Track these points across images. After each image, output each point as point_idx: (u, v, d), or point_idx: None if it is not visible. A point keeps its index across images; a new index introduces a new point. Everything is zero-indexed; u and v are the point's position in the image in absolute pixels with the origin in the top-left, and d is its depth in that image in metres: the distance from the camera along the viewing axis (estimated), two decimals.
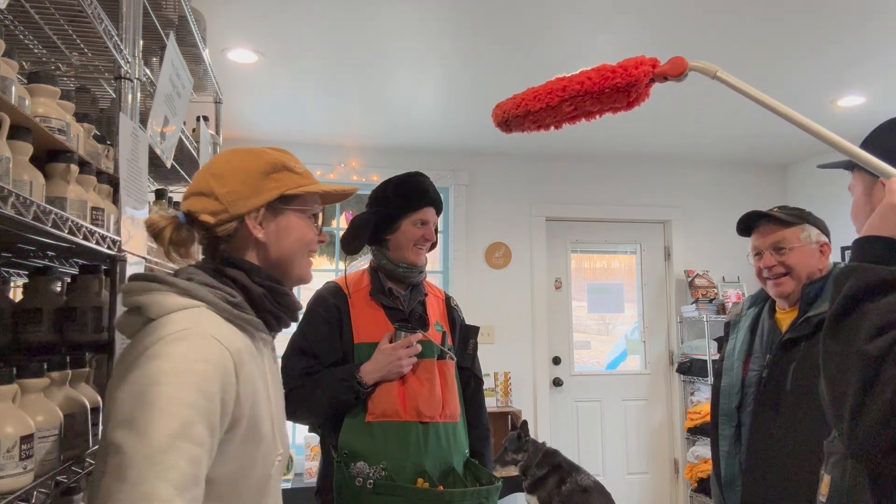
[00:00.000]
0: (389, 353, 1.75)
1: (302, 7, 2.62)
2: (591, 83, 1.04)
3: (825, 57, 3.09)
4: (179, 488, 0.83)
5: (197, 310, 0.98)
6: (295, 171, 1.14)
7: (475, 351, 2.01)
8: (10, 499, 0.87)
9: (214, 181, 1.08)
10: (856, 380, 0.82)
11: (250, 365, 1.00)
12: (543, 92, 1.08)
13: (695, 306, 4.61)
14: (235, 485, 0.97)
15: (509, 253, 4.68)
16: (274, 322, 1.11)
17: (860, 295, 0.86)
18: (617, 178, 4.88)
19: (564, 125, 1.11)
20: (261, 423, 1.01)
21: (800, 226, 1.83)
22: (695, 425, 4.48)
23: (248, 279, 1.07)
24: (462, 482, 1.78)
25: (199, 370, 0.90)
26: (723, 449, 1.87)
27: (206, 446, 0.89)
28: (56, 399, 1.04)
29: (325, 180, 4.47)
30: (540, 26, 2.77)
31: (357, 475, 1.69)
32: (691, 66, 1.02)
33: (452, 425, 1.83)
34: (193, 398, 0.88)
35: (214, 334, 0.95)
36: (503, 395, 4.39)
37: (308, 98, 3.65)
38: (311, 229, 1.17)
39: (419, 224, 1.88)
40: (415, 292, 1.93)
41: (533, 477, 3.37)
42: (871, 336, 0.82)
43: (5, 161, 0.89)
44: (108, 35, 1.38)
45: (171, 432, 0.85)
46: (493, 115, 1.15)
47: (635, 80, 1.03)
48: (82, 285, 1.35)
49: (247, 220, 1.09)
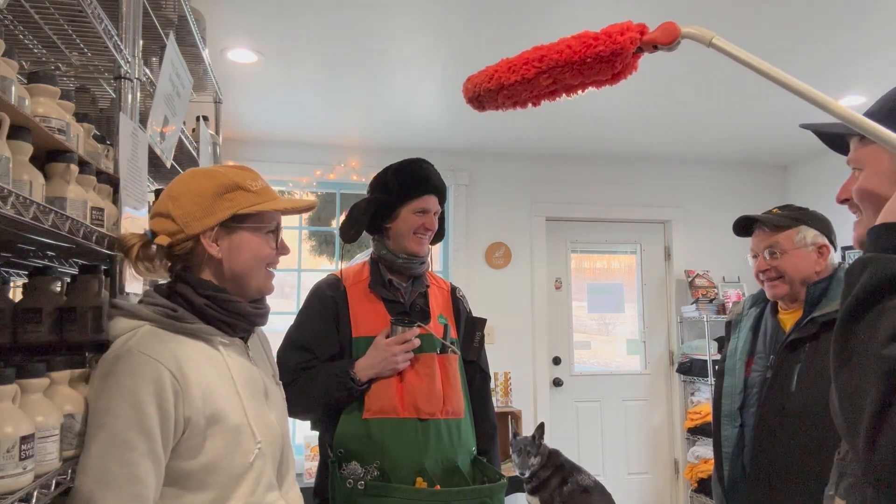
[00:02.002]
0: (384, 349, 1.69)
1: (302, 7, 2.62)
2: (572, 52, 0.91)
3: (825, 57, 3.09)
4: (113, 488, 1.00)
5: (138, 330, 1.11)
6: (249, 189, 1.21)
7: (482, 344, 1.94)
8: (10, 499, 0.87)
9: (171, 203, 1.18)
10: (875, 391, 0.69)
11: (203, 368, 1.12)
12: (519, 63, 0.95)
13: (695, 306, 4.61)
14: (213, 475, 1.10)
15: (509, 253, 4.68)
16: (226, 327, 1.20)
17: (878, 290, 0.73)
18: (617, 178, 4.88)
19: (544, 101, 0.98)
20: (225, 418, 1.12)
21: (794, 228, 1.80)
22: (695, 425, 4.48)
23: (192, 292, 1.17)
24: (467, 481, 1.72)
25: (125, 384, 1.04)
26: (725, 450, 1.85)
27: (140, 450, 1.02)
28: (56, 399, 1.04)
29: (325, 180, 4.47)
30: (540, 25, 2.77)
31: (349, 476, 1.64)
32: (684, 33, 0.90)
33: (456, 422, 1.76)
34: (122, 409, 1.02)
35: (143, 349, 1.07)
36: (503, 395, 4.39)
37: (308, 98, 3.64)
38: (266, 245, 1.24)
39: (419, 212, 1.81)
40: (416, 284, 1.87)
41: (538, 479, 3.36)
42: (891, 337, 0.70)
43: (5, 161, 0.89)
44: (107, 35, 1.38)
45: (103, 441, 1.01)
46: (463, 89, 1.03)
47: (621, 48, 0.90)
48: (82, 285, 1.35)
49: (202, 239, 1.18)
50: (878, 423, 0.69)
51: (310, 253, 4.93)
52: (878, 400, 0.69)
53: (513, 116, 3.94)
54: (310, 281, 4.53)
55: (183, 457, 1.08)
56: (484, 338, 1.95)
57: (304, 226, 4.70)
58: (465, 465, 1.76)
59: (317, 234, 4.99)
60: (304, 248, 4.68)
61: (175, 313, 1.14)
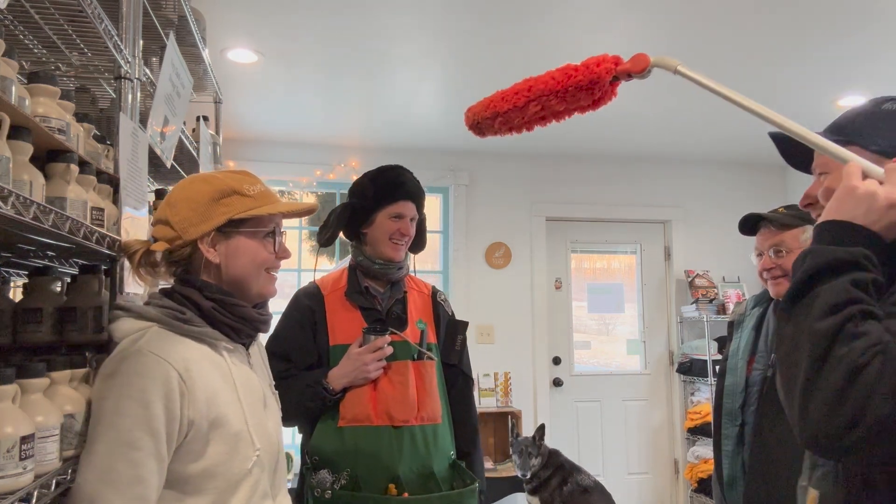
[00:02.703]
0: (356, 358, 1.71)
1: (302, 7, 2.62)
2: (556, 83, 1.05)
3: (825, 57, 3.09)
4: (118, 488, 1.00)
5: (146, 330, 1.12)
6: (246, 194, 1.22)
7: (463, 347, 1.94)
8: (10, 499, 0.87)
9: (169, 210, 1.19)
10: (807, 360, 0.78)
11: (208, 371, 1.13)
12: (510, 93, 1.09)
13: (695, 306, 4.61)
14: (212, 480, 1.10)
15: (509, 253, 4.68)
16: (231, 332, 1.21)
17: (814, 276, 0.83)
18: (617, 178, 4.88)
19: (536, 127, 1.12)
20: (227, 423, 1.12)
21: (800, 227, 1.81)
22: (695, 425, 4.48)
23: (198, 295, 1.18)
24: (441, 487, 1.72)
25: (134, 383, 1.04)
26: (725, 449, 1.86)
27: (147, 450, 1.03)
28: (56, 399, 1.04)
29: (325, 180, 4.47)
30: (540, 25, 2.77)
31: (317, 485, 1.65)
32: (653, 62, 1.02)
33: (432, 427, 1.76)
34: (131, 409, 1.02)
35: (153, 349, 1.07)
36: (503, 395, 4.39)
37: (308, 98, 3.64)
38: (264, 249, 1.24)
39: (394, 217, 1.82)
40: (394, 290, 1.87)
41: (539, 479, 3.36)
42: (823, 315, 0.79)
43: (5, 161, 0.89)
44: (108, 35, 1.38)
45: (109, 440, 1.01)
46: (464, 118, 1.16)
47: (597, 77, 1.04)
48: (82, 285, 1.35)
49: (199, 245, 1.19)
50: (809, 389, 0.78)
51: (310, 253, 4.93)
52: (809, 368, 0.78)
53: None
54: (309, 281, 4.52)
55: (184, 460, 1.08)
56: (465, 340, 1.95)
57: (304, 226, 4.70)
58: (441, 470, 1.76)
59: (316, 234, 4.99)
60: (303, 248, 4.68)
61: (184, 315, 1.15)
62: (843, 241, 0.84)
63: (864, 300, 0.80)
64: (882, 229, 0.85)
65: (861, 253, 0.83)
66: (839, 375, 0.75)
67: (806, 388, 0.78)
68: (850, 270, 0.82)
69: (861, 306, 0.79)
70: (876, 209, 0.85)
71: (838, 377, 0.75)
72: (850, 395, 0.74)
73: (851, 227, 0.85)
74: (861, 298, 0.80)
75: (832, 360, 0.77)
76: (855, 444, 0.75)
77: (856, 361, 0.75)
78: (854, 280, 0.81)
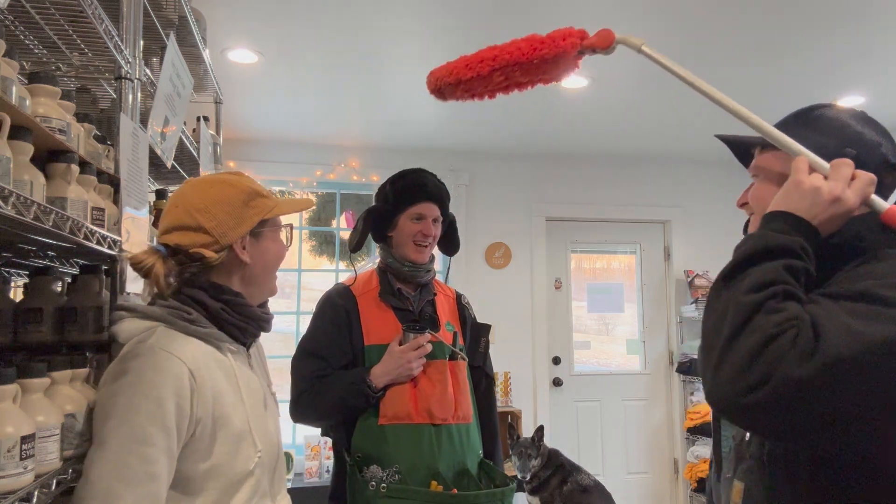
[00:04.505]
0: (399, 356, 1.73)
1: (302, 7, 2.62)
2: (521, 53, 1.05)
3: (825, 56, 3.09)
4: (131, 484, 1.00)
5: (153, 330, 1.12)
6: (264, 195, 1.25)
7: (487, 349, 1.98)
8: (10, 499, 0.87)
9: (201, 216, 1.18)
10: (728, 328, 0.81)
11: (214, 371, 1.14)
12: (475, 61, 1.08)
13: (695, 306, 4.61)
14: (214, 480, 1.10)
15: (509, 253, 4.68)
16: (238, 333, 1.22)
17: (752, 257, 0.87)
18: (617, 178, 4.88)
19: (499, 95, 1.12)
20: (230, 423, 1.13)
21: None
22: (694, 425, 4.49)
23: (205, 296, 1.18)
24: (476, 484, 1.76)
25: (147, 379, 1.04)
26: (724, 449, 1.86)
27: (160, 446, 1.03)
28: (57, 399, 1.04)
29: (325, 180, 4.47)
30: (540, 26, 2.77)
31: (370, 479, 1.67)
32: (618, 39, 1.03)
33: (465, 426, 1.80)
34: (144, 405, 1.03)
35: (164, 347, 1.08)
36: (503, 395, 4.39)
37: (308, 98, 3.65)
38: (283, 245, 1.31)
39: (416, 219, 1.85)
40: (424, 292, 1.91)
41: (539, 479, 3.36)
42: (749, 290, 0.83)
43: (6, 161, 0.89)
44: (108, 35, 1.38)
45: (123, 436, 1.01)
46: (426, 82, 1.15)
47: (563, 51, 1.04)
48: (82, 285, 1.35)
49: (234, 248, 1.20)
50: (724, 353, 0.81)
51: (310, 253, 4.93)
52: (728, 335, 0.81)
53: (513, 117, 3.95)
54: (310, 281, 4.53)
55: (191, 459, 1.09)
56: (489, 343, 1.99)
57: (305, 226, 4.70)
58: (473, 468, 1.80)
59: (317, 234, 4.99)
60: (304, 248, 4.68)
61: (190, 316, 1.15)
62: (785, 231, 0.88)
63: (791, 283, 0.84)
64: (822, 223, 0.89)
65: (799, 243, 0.87)
66: (753, 341, 0.79)
67: (722, 352, 0.81)
68: (786, 256, 0.86)
69: (786, 286, 0.83)
70: (819, 203, 0.89)
71: (752, 343, 0.79)
72: (761, 359, 0.77)
73: (795, 218, 0.89)
74: (788, 281, 0.84)
75: (749, 327, 0.80)
76: (755, 405, 0.77)
77: (771, 331, 0.78)
78: (787, 265, 0.85)
